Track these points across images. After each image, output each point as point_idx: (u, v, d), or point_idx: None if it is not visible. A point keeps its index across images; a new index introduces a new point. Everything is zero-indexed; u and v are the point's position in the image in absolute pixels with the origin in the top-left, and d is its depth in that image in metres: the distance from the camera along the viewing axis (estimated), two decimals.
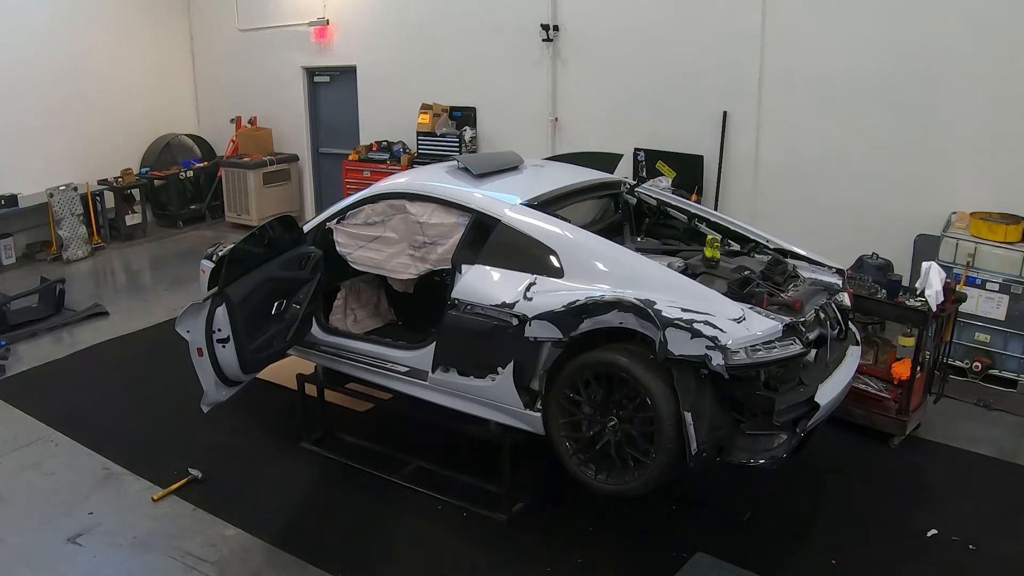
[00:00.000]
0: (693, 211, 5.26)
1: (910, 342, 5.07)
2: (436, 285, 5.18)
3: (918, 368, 4.98)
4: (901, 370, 5.05)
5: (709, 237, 4.74)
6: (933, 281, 4.92)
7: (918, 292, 5.03)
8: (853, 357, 4.46)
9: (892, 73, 6.66)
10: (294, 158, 10.98)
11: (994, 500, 4.57)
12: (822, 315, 4.36)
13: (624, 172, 7.11)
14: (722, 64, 7.46)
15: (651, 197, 5.39)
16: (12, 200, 9.16)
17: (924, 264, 5.13)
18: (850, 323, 4.67)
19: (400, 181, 5.04)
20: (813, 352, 4.11)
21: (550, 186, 4.84)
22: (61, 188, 9.47)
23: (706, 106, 7.61)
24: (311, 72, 10.64)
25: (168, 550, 4.18)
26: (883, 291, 5.14)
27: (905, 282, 6.72)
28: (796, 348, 3.70)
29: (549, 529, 4.35)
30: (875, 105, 6.79)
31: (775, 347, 3.64)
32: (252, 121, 11.06)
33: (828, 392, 3.98)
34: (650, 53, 7.85)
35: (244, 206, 10.76)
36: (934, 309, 4.88)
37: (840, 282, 4.60)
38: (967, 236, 5.91)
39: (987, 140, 6.35)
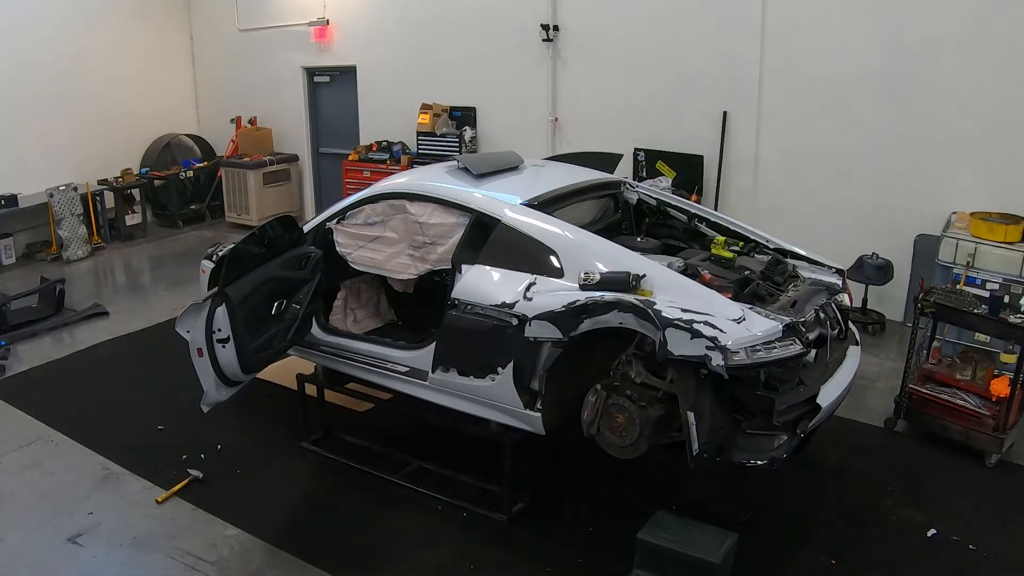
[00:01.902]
0: (693, 211, 5.27)
1: (1012, 359, 4.98)
2: (436, 285, 5.18)
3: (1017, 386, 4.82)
4: (999, 387, 4.94)
5: (718, 238, 4.75)
6: None
7: (1022, 308, 4.88)
8: (853, 357, 4.46)
9: (892, 73, 6.67)
10: (294, 158, 10.99)
11: (994, 500, 4.58)
12: (822, 315, 4.36)
13: (624, 172, 7.12)
14: (722, 64, 7.46)
15: (651, 197, 5.40)
16: (12, 200, 9.16)
17: None
18: (850, 323, 4.67)
19: (400, 181, 5.04)
20: (813, 352, 4.11)
21: (550, 186, 4.84)
22: (61, 188, 9.47)
23: (706, 106, 7.61)
24: (311, 72, 10.64)
25: (168, 550, 4.18)
26: (984, 306, 4.98)
27: (905, 282, 6.81)
28: (796, 348, 3.70)
29: (549, 529, 4.35)
30: (875, 105, 6.80)
31: (775, 347, 3.64)
32: (252, 121, 11.07)
33: (830, 393, 3.98)
34: (650, 53, 7.86)
35: (244, 206, 10.77)
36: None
37: (840, 282, 4.60)
38: (967, 236, 5.91)
39: (987, 140, 6.36)
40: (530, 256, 4.20)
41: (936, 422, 5.08)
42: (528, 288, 4.08)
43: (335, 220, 4.97)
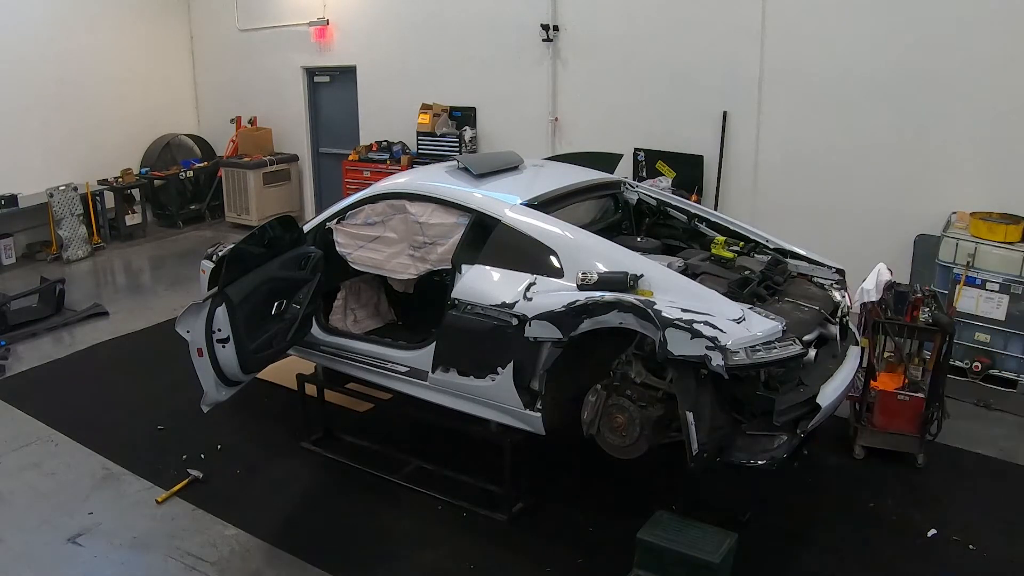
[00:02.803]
0: (693, 211, 5.27)
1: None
2: (436, 285, 5.18)
3: (880, 378, 4.88)
4: (884, 380, 4.90)
5: (719, 238, 4.74)
6: (869, 278, 4.74)
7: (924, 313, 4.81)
8: (854, 357, 4.45)
9: (892, 73, 6.67)
10: (294, 158, 10.99)
11: (994, 500, 4.58)
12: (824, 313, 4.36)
13: (624, 172, 7.12)
14: (722, 64, 7.46)
15: (651, 197, 5.40)
16: (12, 200, 9.16)
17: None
18: (849, 324, 4.66)
19: (400, 181, 5.04)
20: (813, 352, 4.11)
21: (550, 186, 4.84)
22: (61, 188, 9.47)
23: (706, 106, 7.61)
24: (311, 72, 10.64)
25: (168, 550, 4.18)
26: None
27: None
28: (795, 348, 3.70)
29: (549, 529, 4.35)
30: (875, 105, 6.79)
31: (775, 347, 3.64)
32: (252, 121, 11.06)
33: (830, 394, 3.98)
34: (650, 53, 7.85)
35: (244, 206, 10.76)
36: (855, 304, 4.72)
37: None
38: (967, 236, 5.91)
39: (987, 140, 6.35)
40: (530, 256, 4.20)
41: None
42: (528, 288, 4.08)
43: (335, 220, 4.97)
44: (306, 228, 5.00)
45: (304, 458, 5.07)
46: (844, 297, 4.60)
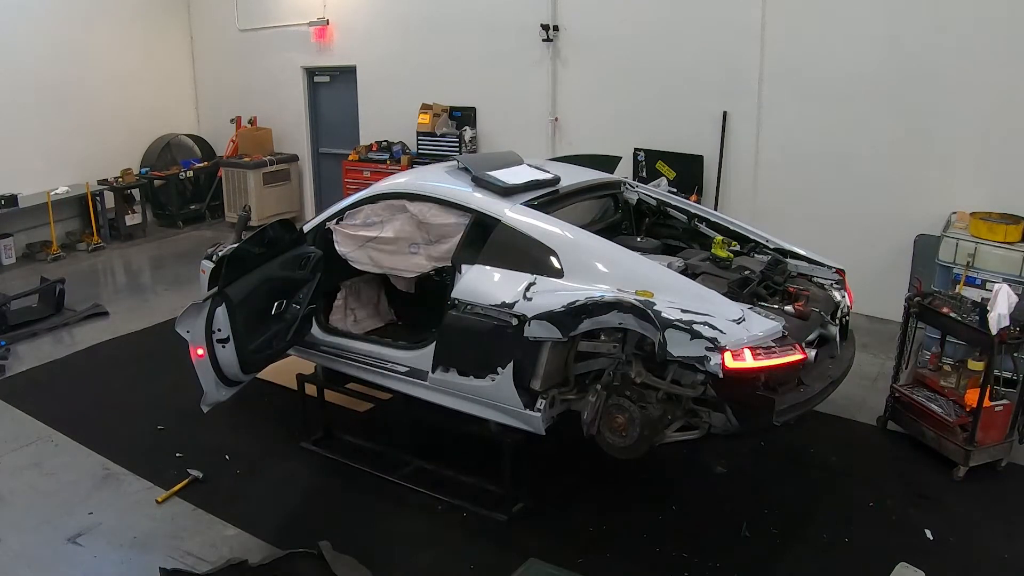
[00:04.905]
0: (693, 211, 5.27)
1: (979, 366, 4.82)
2: (436, 285, 5.18)
3: (986, 396, 4.61)
4: (973, 397, 4.72)
5: (718, 238, 4.75)
6: (999, 303, 4.55)
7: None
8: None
9: (892, 73, 6.67)
10: (294, 158, 10.99)
11: (994, 500, 4.57)
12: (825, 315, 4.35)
13: (624, 172, 7.12)
14: (722, 64, 7.47)
15: (651, 197, 5.40)
16: (12, 200, 9.16)
17: (996, 284, 4.80)
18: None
19: (400, 181, 5.04)
20: (813, 353, 4.10)
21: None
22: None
23: (706, 106, 7.61)
24: (311, 72, 10.65)
25: (168, 550, 4.17)
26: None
27: (904, 284, 6.79)
28: (795, 356, 3.69)
29: (549, 529, 4.35)
30: (875, 105, 6.80)
31: (775, 351, 3.63)
32: (252, 121, 11.06)
33: None
34: (650, 53, 7.86)
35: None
36: (994, 332, 4.51)
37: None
38: (967, 236, 5.91)
39: (987, 140, 6.36)
40: (530, 256, 4.20)
41: (915, 425, 5.04)
42: (528, 288, 4.07)
43: (335, 220, 4.97)
44: (306, 228, 5.00)
45: (304, 458, 5.07)
46: (844, 297, 4.60)
